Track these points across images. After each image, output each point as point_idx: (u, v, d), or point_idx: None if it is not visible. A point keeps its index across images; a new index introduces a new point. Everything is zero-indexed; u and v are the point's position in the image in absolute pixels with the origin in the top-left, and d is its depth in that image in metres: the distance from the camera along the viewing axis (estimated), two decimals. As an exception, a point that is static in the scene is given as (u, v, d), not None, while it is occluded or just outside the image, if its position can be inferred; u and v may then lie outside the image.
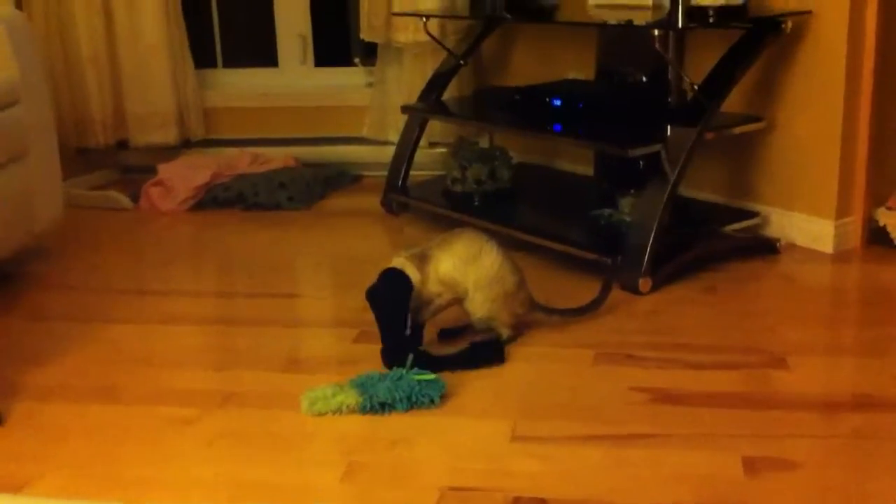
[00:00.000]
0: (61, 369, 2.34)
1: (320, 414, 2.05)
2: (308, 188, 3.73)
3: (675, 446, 1.89)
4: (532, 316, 2.43)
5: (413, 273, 2.28)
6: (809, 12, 2.84)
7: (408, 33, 3.77)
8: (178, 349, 2.45)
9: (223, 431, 2.01)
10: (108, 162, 4.13)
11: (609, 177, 3.35)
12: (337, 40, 4.46)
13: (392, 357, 2.20)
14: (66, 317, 2.68)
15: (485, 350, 2.31)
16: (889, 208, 2.94)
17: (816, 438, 1.90)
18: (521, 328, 2.42)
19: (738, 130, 2.94)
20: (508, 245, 2.38)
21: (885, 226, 2.92)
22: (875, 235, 2.95)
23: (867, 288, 2.71)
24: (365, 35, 3.90)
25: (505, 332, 2.38)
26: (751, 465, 1.80)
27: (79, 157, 4.02)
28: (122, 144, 4.09)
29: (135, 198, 3.74)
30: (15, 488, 1.82)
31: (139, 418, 2.08)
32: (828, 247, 2.92)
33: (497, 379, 2.21)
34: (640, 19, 2.92)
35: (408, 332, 2.23)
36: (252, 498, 1.77)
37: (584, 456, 1.87)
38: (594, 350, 2.33)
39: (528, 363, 2.29)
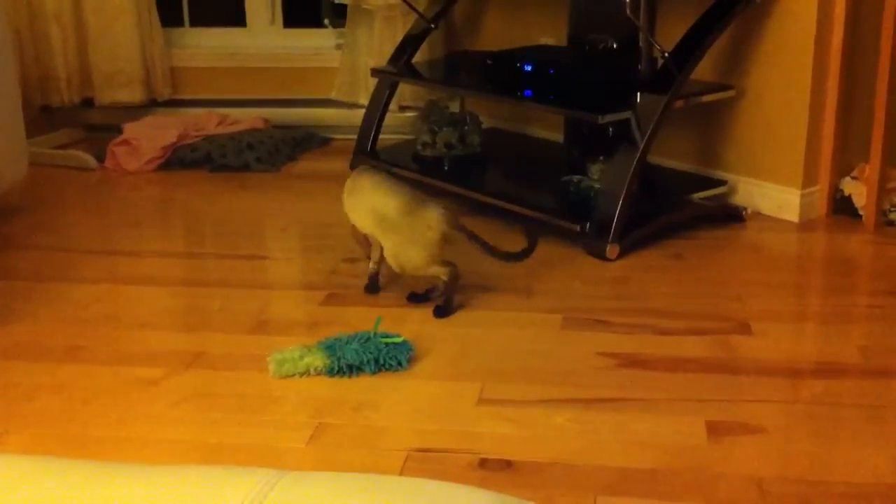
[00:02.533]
0: (27, 329, 2.32)
1: (288, 376, 2.05)
2: (276, 150, 3.70)
3: (640, 410, 1.91)
4: (457, 238, 2.32)
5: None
6: (781, -19, 2.85)
7: (379, -5, 3.74)
8: (145, 310, 2.43)
9: (190, 393, 2.01)
10: (73, 120, 4.07)
11: (579, 143, 3.35)
12: (306, 1, 4.41)
13: None
14: (32, 276, 2.66)
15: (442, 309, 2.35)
16: (854, 178, 2.97)
17: (779, 404, 1.93)
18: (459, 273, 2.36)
19: (707, 98, 2.95)
20: (476, 210, 2.37)
21: (850, 195, 2.95)
22: (840, 205, 2.97)
23: (831, 256, 2.74)
24: (335, -4, 3.87)
25: (442, 275, 2.33)
26: (714, 430, 1.83)
27: (43, 116, 3.96)
28: (87, 103, 4.03)
29: (100, 157, 3.69)
30: (-21, 447, 1.81)
31: (106, 378, 2.07)
32: (793, 216, 2.94)
33: (465, 342, 2.22)
34: (612, -15, 2.91)
35: None
36: (218, 459, 1.77)
37: (550, 419, 1.88)
38: (562, 315, 2.34)
39: (496, 327, 2.30)
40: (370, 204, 2.36)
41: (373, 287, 2.47)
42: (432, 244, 2.29)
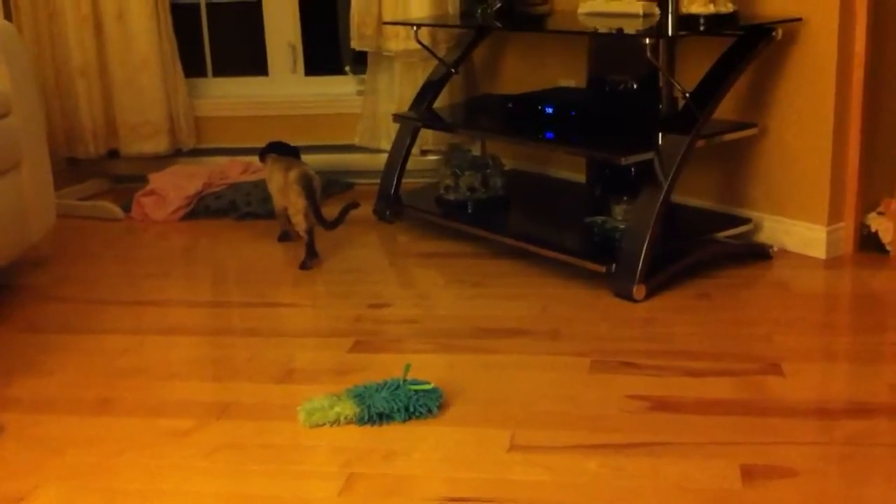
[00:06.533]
0: (56, 381, 2.34)
1: (318, 425, 2.05)
2: (300, 197, 3.72)
3: (672, 454, 1.89)
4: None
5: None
6: (799, 20, 2.85)
7: (398, 42, 3.77)
8: (173, 360, 2.44)
9: (220, 443, 2.01)
10: (99, 172, 4.12)
11: (601, 184, 3.35)
12: (327, 49, 4.46)
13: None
14: (60, 328, 2.67)
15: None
16: (880, 213, 2.95)
17: (813, 445, 1.91)
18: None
19: (729, 137, 2.95)
20: (502, 252, 2.38)
21: (876, 231, 2.94)
22: (867, 241, 2.96)
23: (860, 293, 2.72)
24: (355, 44, 3.90)
25: (301, 226, 3.07)
26: (748, 473, 1.81)
27: (69, 168, 4.02)
28: (113, 154, 4.08)
29: (126, 208, 3.73)
30: (12, 502, 1.81)
31: (136, 430, 2.08)
32: (820, 252, 2.93)
33: (494, 388, 2.21)
34: (630, 28, 2.93)
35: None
36: (251, 510, 1.77)
37: (583, 465, 1.87)
38: (590, 358, 2.34)
39: (524, 371, 2.29)
40: (275, 183, 3.17)
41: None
42: (295, 199, 3.05)
